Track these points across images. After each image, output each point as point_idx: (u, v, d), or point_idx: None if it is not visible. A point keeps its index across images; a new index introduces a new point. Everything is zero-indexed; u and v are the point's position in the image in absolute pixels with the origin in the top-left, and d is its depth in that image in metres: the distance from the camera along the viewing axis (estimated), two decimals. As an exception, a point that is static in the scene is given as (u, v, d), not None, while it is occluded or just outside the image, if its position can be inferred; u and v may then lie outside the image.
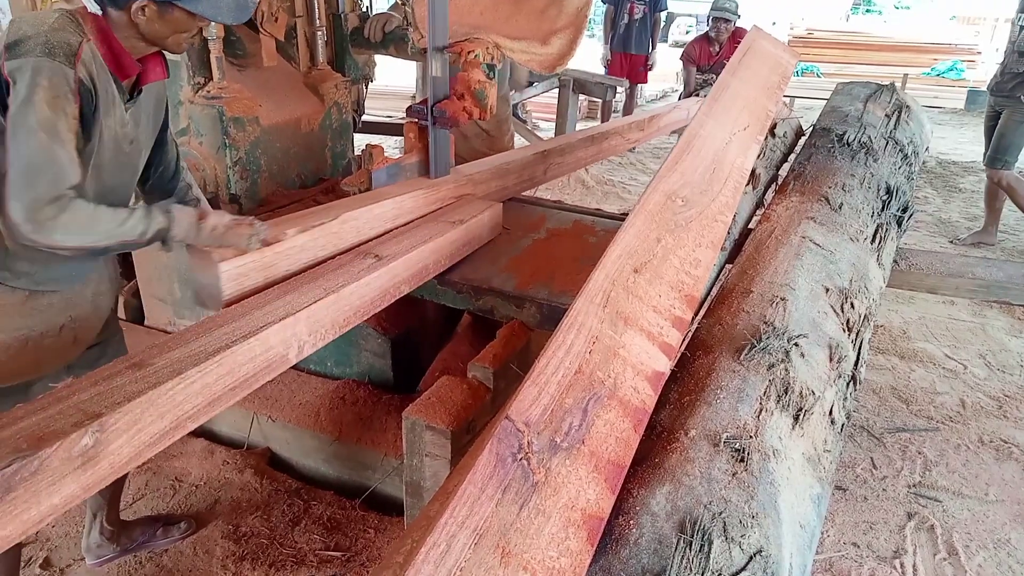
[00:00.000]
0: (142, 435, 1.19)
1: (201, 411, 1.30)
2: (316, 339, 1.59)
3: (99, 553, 2.15)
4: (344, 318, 1.66)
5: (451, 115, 2.23)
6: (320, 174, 2.91)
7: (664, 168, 1.88)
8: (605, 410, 1.18)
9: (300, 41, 2.85)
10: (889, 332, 3.74)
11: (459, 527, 0.93)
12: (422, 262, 1.94)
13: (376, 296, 1.77)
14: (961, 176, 6.80)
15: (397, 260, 1.82)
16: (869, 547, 2.34)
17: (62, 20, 1.42)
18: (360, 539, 2.27)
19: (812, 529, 1.20)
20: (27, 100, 1.34)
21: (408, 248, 1.90)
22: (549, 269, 2.21)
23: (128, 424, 1.16)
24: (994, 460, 2.78)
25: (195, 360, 1.29)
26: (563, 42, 2.51)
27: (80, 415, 1.11)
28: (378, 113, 6.81)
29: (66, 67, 1.38)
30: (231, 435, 2.68)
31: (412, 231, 2.05)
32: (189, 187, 1.92)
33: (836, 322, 1.70)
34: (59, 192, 1.36)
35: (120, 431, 1.15)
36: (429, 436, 1.69)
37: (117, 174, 1.61)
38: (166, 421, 1.23)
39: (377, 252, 1.85)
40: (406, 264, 1.86)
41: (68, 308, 1.67)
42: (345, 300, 1.65)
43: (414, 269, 1.91)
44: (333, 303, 1.60)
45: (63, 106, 1.37)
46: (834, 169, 2.41)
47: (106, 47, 1.48)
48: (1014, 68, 4.67)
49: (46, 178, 1.34)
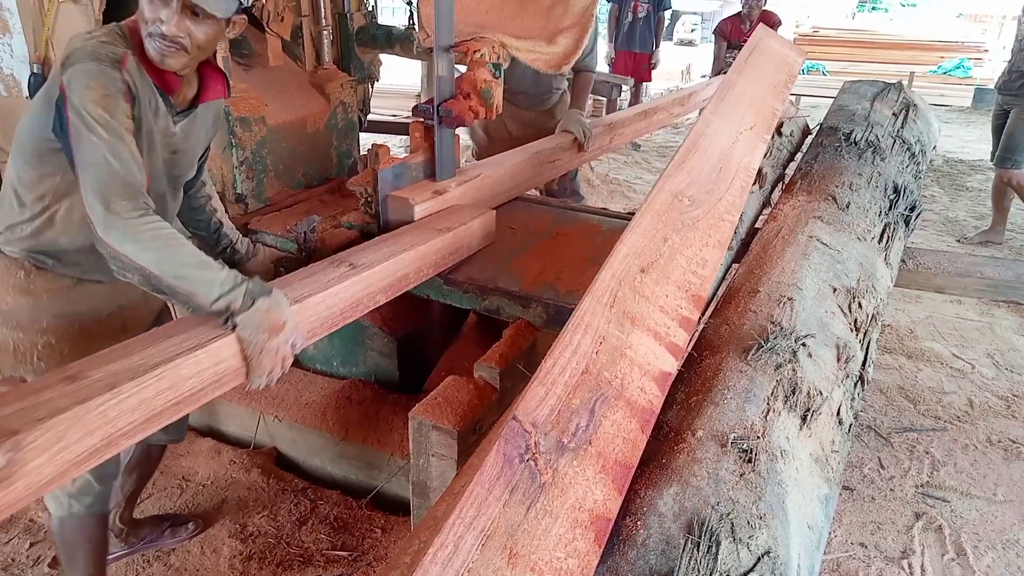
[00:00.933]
0: (66, 453, 1.11)
1: (138, 428, 1.23)
2: None
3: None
4: (309, 329, 1.56)
5: (457, 114, 2.23)
6: (326, 174, 2.91)
7: (671, 167, 1.87)
8: (612, 410, 1.18)
9: (306, 41, 2.85)
10: (896, 331, 3.72)
11: (466, 528, 0.93)
12: (401, 271, 1.85)
13: (347, 307, 1.67)
14: (968, 175, 6.77)
15: (372, 269, 1.74)
16: (877, 547, 2.33)
17: (110, 34, 1.45)
18: (367, 539, 2.27)
19: (820, 530, 1.20)
20: (81, 103, 1.35)
21: (386, 256, 1.81)
22: (555, 269, 2.21)
23: (50, 442, 1.09)
24: (1003, 460, 2.76)
25: (133, 373, 1.22)
26: (569, 41, 2.50)
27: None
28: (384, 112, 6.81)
29: (111, 70, 1.39)
30: (238, 435, 2.69)
31: (395, 238, 1.98)
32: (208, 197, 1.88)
33: (844, 322, 1.69)
34: (133, 190, 1.35)
35: (40, 449, 1.08)
36: (435, 436, 1.69)
37: (162, 182, 1.62)
38: (95, 438, 1.16)
39: (352, 260, 1.76)
40: (382, 273, 1.78)
41: (117, 297, 1.68)
42: (310, 311, 1.55)
43: (391, 279, 1.82)
44: (297, 313, 1.51)
45: (115, 104, 1.38)
46: (841, 168, 2.40)
47: (148, 63, 1.48)
48: (1022, 66, 4.65)
49: (115, 173, 1.34)
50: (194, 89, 1.61)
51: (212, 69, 1.63)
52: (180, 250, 1.35)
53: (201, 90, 1.61)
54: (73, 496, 1.73)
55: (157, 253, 1.33)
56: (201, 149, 1.73)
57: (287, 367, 1.46)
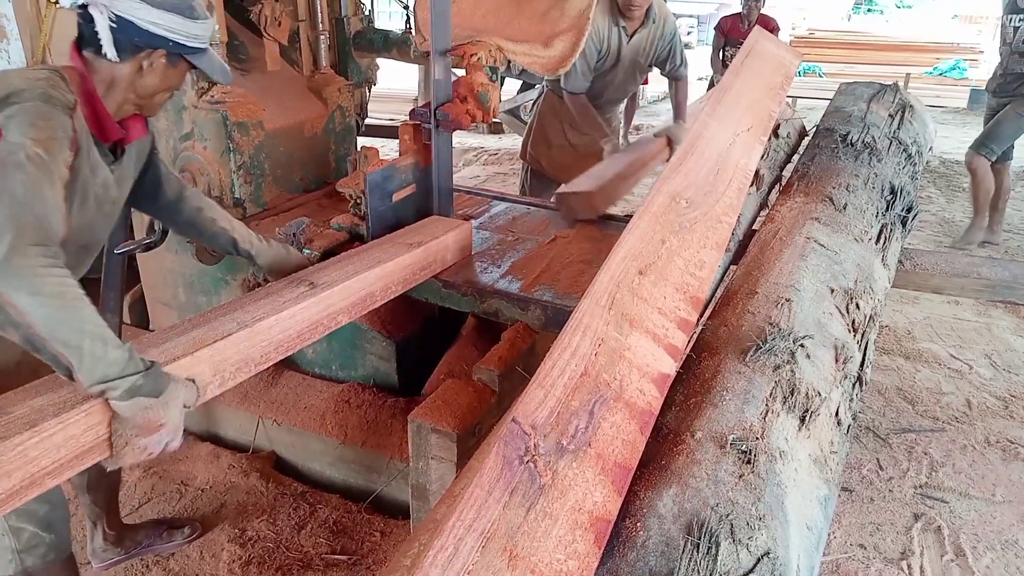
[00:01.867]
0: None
1: (65, 466, 1.17)
2: (223, 379, 1.43)
3: (104, 557, 2.18)
4: (261, 354, 1.50)
5: (454, 118, 2.23)
6: (324, 178, 2.91)
7: (668, 169, 1.87)
8: (611, 412, 1.18)
9: (303, 45, 2.86)
10: (894, 333, 3.73)
11: (466, 530, 0.93)
12: (365, 290, 1.78)
13: (304, 328, 1.61)
14: (965, 176, 6.75)
15: (333, 288, 1.67)
16: (876, 548, 2.33)
17: (54, 79, 1.37)
18: (366, 542, 2.27)
19: (819, 531, 1.20)
20: (21, 136, 1.24)
21: (350, 275, 1.74)
22: (554, 271, 2.21)
23: None
24: (1001, 460, 2.77)
25: (58, 409, 1.15)
26: (565, 45, 2.51)
27: None
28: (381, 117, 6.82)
29: (63, 115, 1.33)
30: (236, 439, 2.68)
31: (361, 254, 1.91)
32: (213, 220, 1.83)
33: (841, 323, 1.69)
34: (47, 236, 1.20)
35: None
36: (435, 439, 1.69)
37: (91, 233, 1.57)
38: (15, 480, 1.10)
39: (313, 279, 1.70)
40: (344, 293, 1.70)
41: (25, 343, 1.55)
42: (262, 335, 1.49)
43: (354, 298, 1.75)
44: (246, 339, 1.45)
45: (58, 150, 1.29)
46: (838, 169, 2.41)
47: (90, 109, 1.44)
48: (1016, 68, 4.68)
49: (34, 213, 1.20)
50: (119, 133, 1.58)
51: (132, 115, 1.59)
52: (80, 314, 1.18)
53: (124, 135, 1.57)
54: (23, 552, 1.67)
55: (54, 312, 1.16)
56: (128, 191, 1.66)
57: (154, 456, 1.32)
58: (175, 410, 1.29)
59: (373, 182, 2.18)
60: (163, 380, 1.27)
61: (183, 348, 1.37)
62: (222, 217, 1.87)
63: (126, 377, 1.21)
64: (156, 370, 1.27)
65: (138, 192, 1.71)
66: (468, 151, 7.36)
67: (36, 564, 1.69)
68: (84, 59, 1.45)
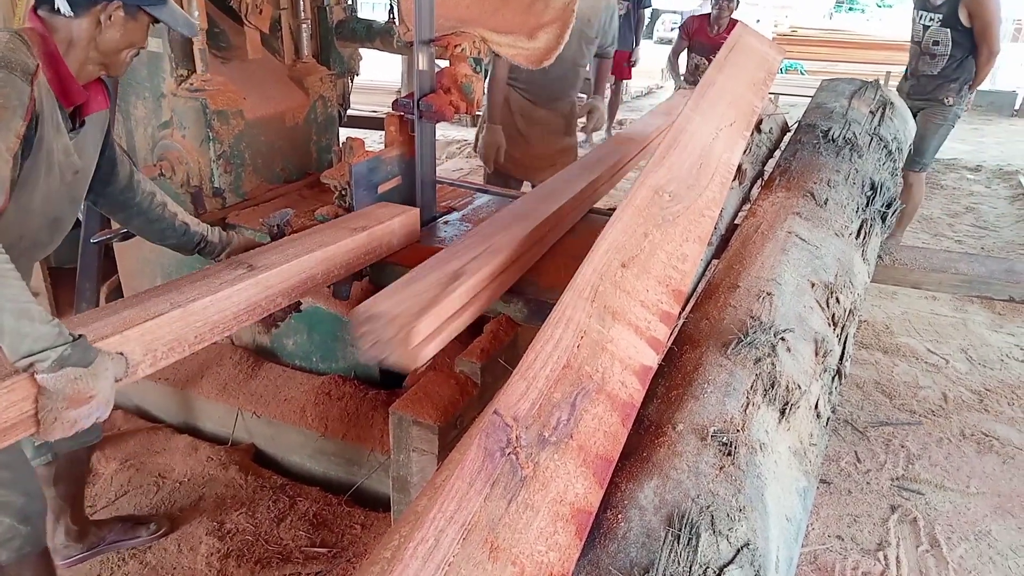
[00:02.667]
0: None
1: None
2: (155, 359, 1.43)
3: (66, 553, 2.13)
4: (196, 335, 1.50)
5: (437, 109, 2.22)
6: (305, 168, 2.89)
7: (651, 163, 1.87)
8: (593, 404, 1.18)
9: (285, 34, 2.82)
10: (873, 327, 3.77)
11: (447, 522, 0.92)
12: (305, 273, 1.78)
13: (241, 310, 1.61)
14: (943, 173, 6.87)
15: (271, 271, 1.67)
16: (853, 540, 2.36)
17: (15, 41, 1.34)
18: (346, 535, 2.26)
19: (798, 522, 1.21)
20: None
21: (289, 257, 1.75)
22: (536, 264, 2.20)
23: None
24: (975, 453, 2.81)
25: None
26: (549, 37, 2.50)
27: None
28: (364, 108, 6.78)
29: (22, 82, 1.30)
30: (215, 431, 2.66)
31: (304, 238, 1.91)
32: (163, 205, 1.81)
33: (822, 317, 1.70)
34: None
35: None
36: (416, 431, 1.68)
37: (60, 205, 1.54)
38: None
39: (252, 262, 1.70)
40: (282, 275, 1.71)
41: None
42: (196, 315, 1.49)
43: (293, 281, 1.75)
44: (179, 318, 1.45)
45: (10, 119, 1.27)
46: (819, 165, 2.42)
47: (53, 71, 1.41)
48: (927, 71, 4.36)
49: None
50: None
51: (96, 80, 1.55)
52: (5, 291, 1.17)
53: (85, 103, 1.53)
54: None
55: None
56: (92, 164, 1.64)
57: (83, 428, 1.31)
58: (105, 381, 1.28)
59: (359, 173, 2.16)
60: (91, 351, 1.27)
61: (113, 327, 1.36)
62: (172, 203, 1.85)
63: (53, 348, 1.20)
64: (83, 342, 1.25)
65: (94, 176, 1.67)
66: (451, 143, 7.33)
67: (11, 558, 1.66)
68: (42, 20, 1.41)
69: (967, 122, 9.50)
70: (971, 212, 5.81)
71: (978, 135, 8.83)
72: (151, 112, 2.49)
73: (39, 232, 1.53)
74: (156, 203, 1.79)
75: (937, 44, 4.25)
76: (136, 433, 2.69)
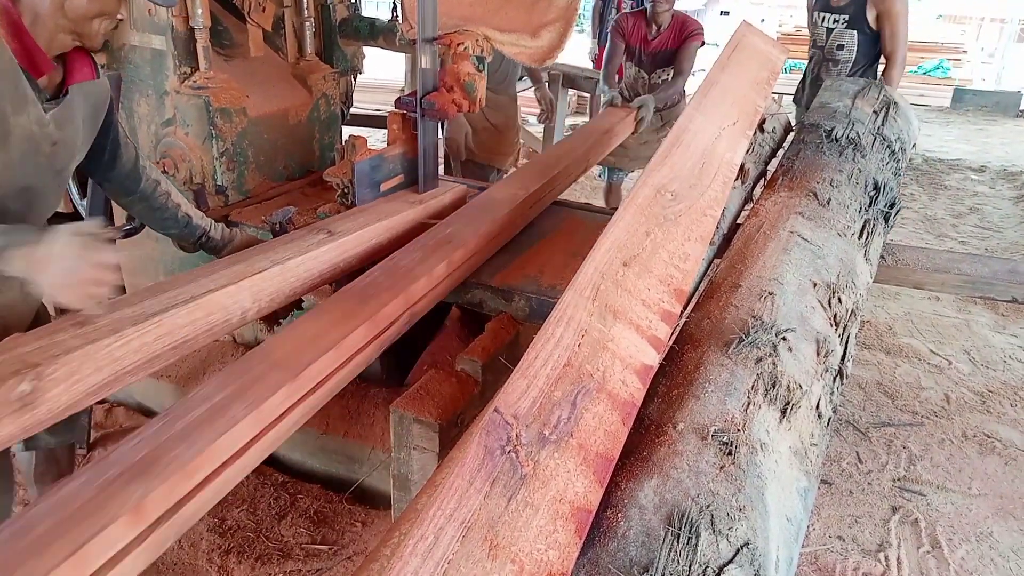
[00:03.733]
0: (80, 385, 1.28)
1: (140, 367, 1.38)
2: (260, 307, 1.65)
3: None
4: (290, 289, 1.72)
5: (440, 107, 2.22)
6: (308, 166, 2.89)
7: (653, 162, 1.87)
8: (594, 403, 1.18)
9: (288, 31, 2.83)
10: (875, 328, 3.76)
11: (447, 520, 0.92)
12: (375, 239, 2.00)
13: (325, 269, 1.83)
14: (947, 174, 6.85)
15: (348, 236, 1.89)
16: (854, 540, 2.36)
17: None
18: (347, 533, 2.26)
19: (799, 522, 1.21)
20: None
21: (361, 225, 1.97)
22: (538, 263, 2.20)
23: (66, 375, 1.25)
24: (977, 454, 2.80)
25: (135, 320, 1.37)
26: (553, 35, 2.50)
27: (20, 364, 1.21)
28: (367, 107, 6.78)
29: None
30: (217, 428, 2.66)
31: (368, 210, 2.11)
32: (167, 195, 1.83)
33: (823, 317, 1.70)
34: None
35: (58, 380, 1.24)
36: (417, 429, 1.68)
37: (34, 175, 1.52)
38: (104, 374, 1.31)
39: (330, 228, 1.92)
40: (357, 240, 1.92)
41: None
42: (291, 272, 1.71)
43: (366, 245, 1.97)
44: (278, 274, 1.66)
45: None
46: (822, 164, 2.42)
47: (17, 42, 1.38)
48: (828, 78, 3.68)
49: None
50: (61, 74, 1.52)
51: (76, 50, 1.53)
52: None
53: (67, 73, 1.52)
54: None
55: None
56: (83, 139, 1.61)
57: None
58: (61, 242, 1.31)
59: (361, 171, 2.17)
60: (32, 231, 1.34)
61: (228, 278, 1.58)
62: (177, 194, 1.86)
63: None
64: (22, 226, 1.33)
65: (97, 160, 1.67)
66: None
67: None
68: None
69: (972, 123, 9.49)
70: (975, 213, 5.80)
71: (983, 136, 8.81)
72: (154, 109, 2.49)
73: (4, 199, 1.51)
74: (160, 192, 1.81)
75: (841, 49, 3.76)
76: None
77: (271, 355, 1.43)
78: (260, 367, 1.39)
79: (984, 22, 16.91)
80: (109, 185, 1.79)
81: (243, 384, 1.35)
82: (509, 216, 2.24)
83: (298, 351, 1.45)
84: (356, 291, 1.68)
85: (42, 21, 1.41)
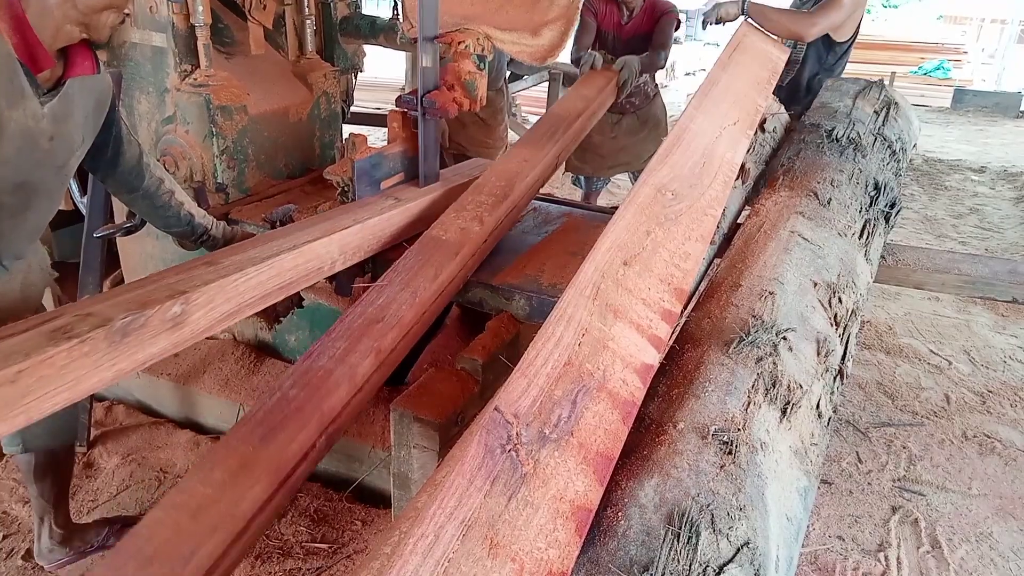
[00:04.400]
0: (214, 312, 1.49)
1: (257, 301, 1.62)
2: (345, 258, 1.91)
3: (51, 558, 2.07)
4: (368, 245, 1.99)
5: (441, 105, 2.22)
6: (308, 164, 2.89)
7: (654, 161, 1.87)
8: (594, 402, 1.18)
9: (289, 29, 2.82)
10: (875, 328, 3.76)
11: (447, 518, 0.92)
12: (434, 205, 2.25)
13: (395, 231, 2.10)
14: (947, 174, 6.85)
15: (412, 202, 2.18)
16: (854, 540, 2.36)
17: None
18: (347, 531, 2.26)
19: (799, 522, 1.21)
20: None
21: (424, 193, 2.26)
22: (538, 262, 2.20)
23: (205, 302, 1.46)
24: (977, 455, 2.80)
25: (253, 262, 1.60)
26: (554, 34, 2.49)
27: (170, 291, 1.42)
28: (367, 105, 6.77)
29: None
30: (217, 426, 2.66)
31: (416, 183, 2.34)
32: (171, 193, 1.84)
33: (824, 316, 1.70)
34: None
35: (200, 306, 1.45)
36: (417, 428, 1.68)
37: (32, 170, 1.52)
38: (231, 304, 1.54)
39: (396, 195, 2.19)
40: (420, 205, 2.20)
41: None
42: (369, 230, 1.98)
43: (424, 212, 2.22)
44: (359, 231, 1.93)
45: None
46: (823, 164, 2.42)
47: (19, 36, 1.38)
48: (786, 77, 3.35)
49: None
50: (61, 68, 1.52)
51: (78, 44, 1.52)
52: None
53: (67, 67, 1.51)
54: None
55: None
56: (83, 134, 1.60)
57: None
58: None
59: (361, 169, 2.16)
60: None
61: (321, 231, 1.82)
62: (180, 192, 1.86)
63: None
64: None
65: (100, 157, 1.66)
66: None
67: None
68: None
69: (972, 123, 9.49)
70: (975, 213, 5.79)
71: (983, 136, 8.80)
72: (155, 107, 2.49)
73: (14, 197, 1.50)
74: (163, 190, 1.81)
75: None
76: (138, 428, 2.69)
77: (143, 550, 1.14)
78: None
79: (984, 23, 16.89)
80: (112, 182, 1.78)
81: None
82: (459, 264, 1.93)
83: (177, 536, 1.16)
84: (258, 420, 1.40)
85: (50, 11, 1.41)
